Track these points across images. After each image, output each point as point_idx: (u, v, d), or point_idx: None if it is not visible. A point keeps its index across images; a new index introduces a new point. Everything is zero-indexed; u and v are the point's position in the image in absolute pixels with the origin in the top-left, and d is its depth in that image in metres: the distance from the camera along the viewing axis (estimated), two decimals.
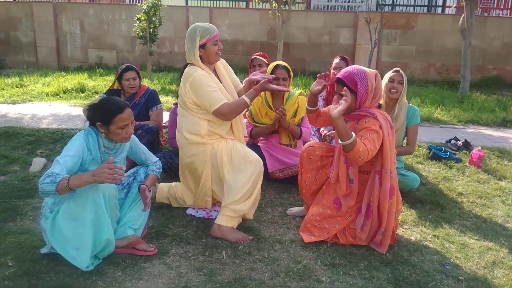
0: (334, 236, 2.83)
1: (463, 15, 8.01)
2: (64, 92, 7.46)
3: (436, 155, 4.55)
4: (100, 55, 10.95)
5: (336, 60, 4.46)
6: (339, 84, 2.71)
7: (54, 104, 6.67)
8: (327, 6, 13.31)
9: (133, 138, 2.72)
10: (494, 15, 12.67)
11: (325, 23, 10.55)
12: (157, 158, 2.90)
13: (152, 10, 8.42)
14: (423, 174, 4.19)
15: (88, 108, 2.52)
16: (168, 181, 3.47)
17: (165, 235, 2.85)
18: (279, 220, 3.16)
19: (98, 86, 7.88)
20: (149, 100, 4.11)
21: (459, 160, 4.52)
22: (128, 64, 4.09)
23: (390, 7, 11.96)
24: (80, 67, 10.86)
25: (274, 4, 9.13)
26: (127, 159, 2.79)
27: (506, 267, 2.67)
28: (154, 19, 8.57)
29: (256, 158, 2.88)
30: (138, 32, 8.64)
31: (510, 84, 10.23)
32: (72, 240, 2.37)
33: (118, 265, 2.49)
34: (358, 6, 12.91)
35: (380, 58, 10.46)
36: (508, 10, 12.82)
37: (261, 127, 3.74)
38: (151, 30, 8.62)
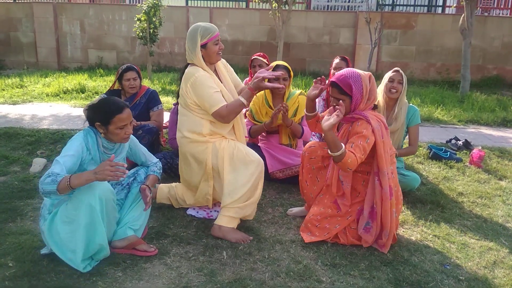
0: (335, 236, 2.83)
1: (463, 15, 8.01)
2: (64, 93, 7.46)
3: (437, 155, 4.55)
4: (100, 55, 10.96)
5: (336, 60, 4.46)
6: (334, 88, 2.72)
7: (54, 104, 6.67)
8: (327, 6, 13.31)
9: (132, 139, 2.72)
10: (494, 15, 12.66)
11: (325, 23, 10.55)
12: (157, 159, 2.90)
13: (152, 11, 8.43)
14: (424, 174, 4.18)
15: (87, 108, 2.52)
16: (168, 181, 3.47)
17: (165, 236, 2.85)
18: (279, 220, 3.16)
19: (98, 86, 7.89)
20: (149, 101, 4.11)
21: (459, 160, 4.52)
22: (129, 65, 4.09)
23: (390, 7, 11.96)
24: (80, 68, 10.86)
25: (274, 4, 9.13)
26: (127, 160, 2.79)
27: (507, 267, 2.67)
28: (154, 19, 8.57)
29: (257, 158, 2.88)
30: (138, 33, 8.65)
31: (510, 83, 10.23)
32: (67, 242, 2.38)
33: (119, 265, 2.49)
34: (358, 6, 12.91)
35: (380, 58, 10.47)
36: (508, 10, 12.81)
37: (259, 124, 3.73)
38: (151, 31, 8.63)
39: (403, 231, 3.06)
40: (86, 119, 2.52)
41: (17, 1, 11.28)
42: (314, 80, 2.86)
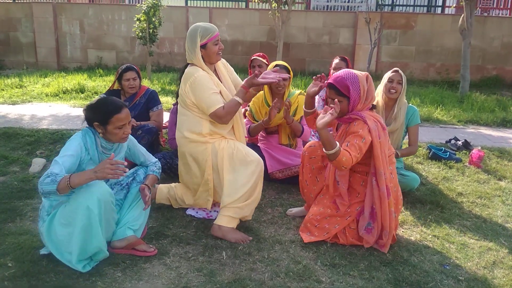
0: (334, 236, 2.83)
1: (463, 15, 8.01)
2: (64, 93, 7.46)
3: (436, 155, 4.55)
4: (100, 55, 10.95)
5: (336, 61, 4.46)
6: (331, 89, 2.72)
7: (54, 104, 6.66)
8: (327, 6, 13.31)
9: (131, 139, 2.72)
10: (493, 15, 12.67)
11: (324, 23, 10.55)
12: (156, 158, 2.90)
13: (152, 11, 8.42)
14: (423, 174, 4.19)
15: (85, 108, 2.52)
16: (167, 181, 3.47)
17: (165, 236, 2.85)
18: (279, 220, 3.16)
19: (98, 86, 7.88)
20: (149, 101, 4.10)
21: (459, 160, 4.52)
22: (128, 65, 4.09)
23: (390, 7, 11.97)
24: (79, 68, 10.85)
25: (274, 4, 9.13)
26: (125, 160, 2.79)
27: (506, 267, 2.67)
28: (153, 19, 8.57)
29: (257, 158, 2.88)
30: (137, 33, 8.64)
31: (509, 84, 10.23)
32: (64, 244, 2.38)
33: (118, 265, 2.49)
34: (358, 6, 12.91)
35: (379, 58, 10.47)
36: (508, 10, 12.83)
37: (258, 122, 3.71)
38: (151, 31, 8.62)
39: (402, 231, 3.06)
40: (85, 119, 2.52)
41: (16, 1, 11.28)
42: (314, 77, 2.86)
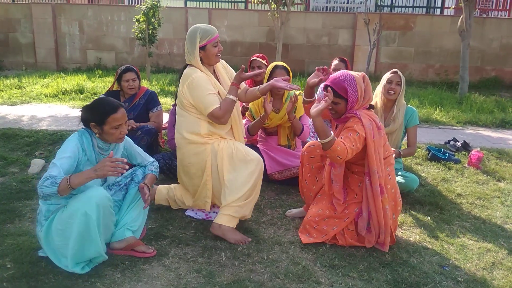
0: (333, 238, 2.83)
1: (462, 16, 8.02)
2: (63, 94, 7.45)
3: (435, 156, 4.56)
4: (99, 56, 10.95)
5: (335, 62, 4.46)
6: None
7: (53, 105, 6.66)
8: (326, 7, 13.32)
9: (127, 139, 2.72)
10: (492, 16, 12.70)
11: (324, 24, 10.56)
12: (153, 158, 2.90)
13: (151, 12, 8.43)
14: (422, 175, 4.19)
15: (81, 109, 2.52)
16: (167, 182, 3.47)
17: (164, 237, 2.84)
18: (278, 221, 3.16)
19: (97, 87, 7.88)
20: (149, 102, 4.10)
21: (458, 161, 4.53)
22: (128, 65, 4.09)
23: (389, 8, 11.98)
24: (79, 68, 10.85)
25: (273, 5, 9.14)
26: None
27: (505, 268, 2.67)
28: (153, 20, 8.57)
29: (256, 156, 2.89)
30: (137, 34, 8.65)
31: (508, 85, 10.25)
32: (61, 249, 2.37)
33: (117, 267, 2.48)
34: (357, 7, 12.92)
35: (379, 59, 10.47)
36: (507, 11, 12.85)
37: (256, 119, 3.66)
38: (150, 32, 8.62)
39: (402, 232, 3.06)
40: (81, 120, 2.52)
41: (15, 1, 11.27)
42: (317, 67, 2.85)
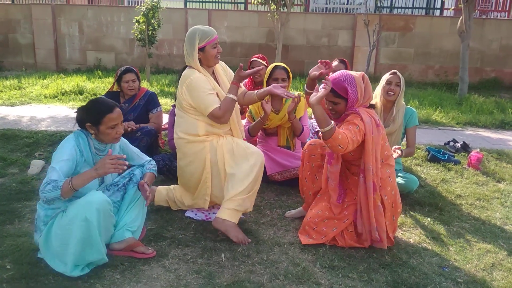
0: (333, 239, 2.83)
1: (461, 17, 8.03)
2: (63, 94, 7.45)
3: (435, 157, 4.56)
4: (99, 57, 10.95)
5: (335, 63, 4.47)
6: (329, 91, 2.72)
7: (53, 106, 6.66)
8: (326, 8, 13.33)
9: (123, 140, 2.71)
10: (492, 17, 12.71)
11: (323, 25, 10.56)
12: (152, 159, 2.90)
13: (151, 12, 8.43)
14: (422, 176, 4.19)
15: (76, 110, 2.52)
16: (166, 183, 3.46)
17: (163, 238, 2.84)
18: (278, 222, 3.15)
19: (97, 88, 7.88)
20: (148, 103, 4.11)
21: (457, 162, 4.53)
22: (128, 66, 4.10)
23: (389, 9, 11.99)
24: (78, 69, 10.84)
25: (273, 6, 9.15)
26: None
27: (505, 269, 2.67)
28: (153, 21, 8.57)
29: (256, 150, 2.91)
30: (136, 34, 8.65)
31: (508, 86, 10.25)
32: (61, 254, 2.36)
33: (117, 268, 2.48)
34: (357, 8, 12.93)
35: (378, 60, 10.48)
36: (506, 12, 12.86)
37: (256, 121, 3.67)
38: (150, 32, 8.63)
39: (401, 233, 3.06)
40: (76, 122, 2.52)
41: (15, 2, 11.27)
42: (319, 60, 2.85)
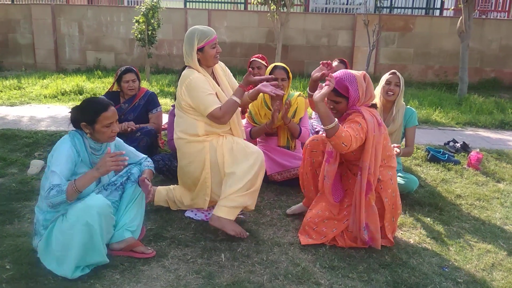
0: (333, 239, 2.83)
1: (461, 17, 8.03)
2: (63, 94, 7.45)
3: (435, 157, 4.56)
4: (99, 57, 10.94)
5: (335, 63, 4.47)
6: (331, 91, 2.72)
7: (52, 106, 6.66)
8: (325, 8, 13.34)
9: (117, 139, 2.70)
10: (492, 17, 12.71)
11: (323, 26, 10.56)
12: (152, 159, 2.90)
13: (151, 13, 8.43)
14: (422, 176, 4.19)
15: (71, 110, 2.51)
16: (166, 183, 3.46)
17: (163, 238, 2.84)
18: (277, 222, 3.15)
19: (97, 88, 7.87)
20: (148, 103, 4.10)
21: (457, 162, 4.53)
22: (128, 66, 4.09)
23: (388, 10, 11.99)
24: (78, 69, 10.84)
25: (273, 7, 9.15)
26: None
27: (505, 269, 2.67)
28: (152, 21, 8.57)
29: (256, 149, 2.91)
30: (136, 34, 8.65)
31: (508, 86, 10.25)
32: (61, 259, 2.35)
33: (117, 268, 2.48)
34: (356, 9, 12.93)
35: (378, 60, 10.48)
36: (506, 13, 12.86)
37: (260, 125, 3.72)
38: (150, 32, 8.63)
39: (401, 233, 3.06)
40: (71, 122, 2.51)
41: (15, 2, 11.27)
42: (321, 62, 2.85)
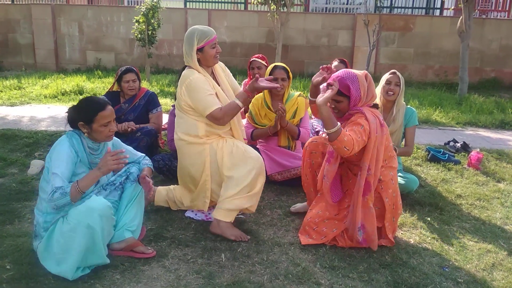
0: (333, 239, 2.83)
1: (461, 17, 8.03)
2: (63, 94, 7.45)
3: (435, 157, 4.56)
4: (99, 57, 10.94)
5: (335, 63, 4.47)
6: None
7: (53, 106, 6.66)
8: (326, 8, 13.33)
9: (114, 139, 2.69)
10: (492, 17, 12.70)
11: (323, 25, 10.56)
12: (152, 159, 2.89)
13: (151, 12, 8.43)
14: (422, 176, 4.19)
15: (68, 110, 2.51)
16: (166, 183, 3.46)
17: (163, 238, 2.84)
18: (278, 222, 3.15)
19: (97, 88, 7.88)
20: (149, 103, 4.10)
21: (457, 162, 4.53)
22: (128, 66, 4.09)
23: (388, 9, 11.99)
24: (78, 69, 10.84)
25: (273, 6, 9.15)
26: None
27: (505, 269, 2.67)
28: (152, 21, 8.58)
29: (256, 154, 2.91)
30: (136, 34, 8.65)
31: (508, 86, 10.25)
32: (62, 261, 2.34)
33: (117, 268, 2.48)
34: (357, 8, 12.93)
35: (378, 60, 10.48)
36: (506, 12, 12.86)
37: (263, 129, 3.72)
38: (150, 32, 8.63)
39: (401, 233, 3.06)
40: (68, 122, 2.50)
41: (15, 2, 11.27)
42: (321, 66, 2.86)
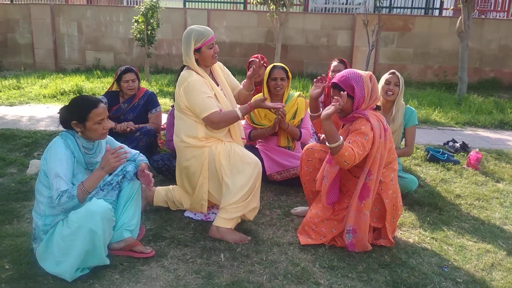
0: (332, 239, 2.83)
1: (461, 17, 8.04)
2: (62, 94, 7.45)
3: (434, 157, 4.56)
4: (98, 57, 10.94)
5: (335, 63, 4.46)
6: (335, 89, 2.72)
7: (52, 106, 6.66)
8: (325, 8, 13.34)
9: (108, 137, 2.68)
10: (491, 17, 12.72)
11: (322, 25, 10.56)
12: (151, 159, 2.89)
13: (150, 12, 8.43)
14: (421, 176, 4.19)
15: (59, 110, 2.49)
16: (165, 183, 3.46)
17: (163, 238, 2.84)
18: (277, 222, 3.15)
19: (96, 88, 7.87)
20: (148, 103, 4.10)
21: (457, 162, 4.53)
22: (128, 66, 4.09)
23: (388, 9, 12.00)
24: (77, 69, 10.83)
25: (272, 6, 9.14)
26: None
27: (504, 269, 2.67)
28: (152, 21, 8.57)
29: (254, 159, 2.89)
30: (135, 34, 8.65)
31: (507, 86, 10.26)
32: (62, 264, 2.33)
33: (116, 268, 2.48)
34: (356, 8, 12.94)
35: (377, 60, 10.48)
36: (505, 13, 12.87)
37: (261, 130, 3.73)
38: (149, 32, 8.62)
39: (401, 233, 3.06)
40: (60, 122, 2.49)
41: (14, 2, 11.26)
42: (315, 79, 2.86)
